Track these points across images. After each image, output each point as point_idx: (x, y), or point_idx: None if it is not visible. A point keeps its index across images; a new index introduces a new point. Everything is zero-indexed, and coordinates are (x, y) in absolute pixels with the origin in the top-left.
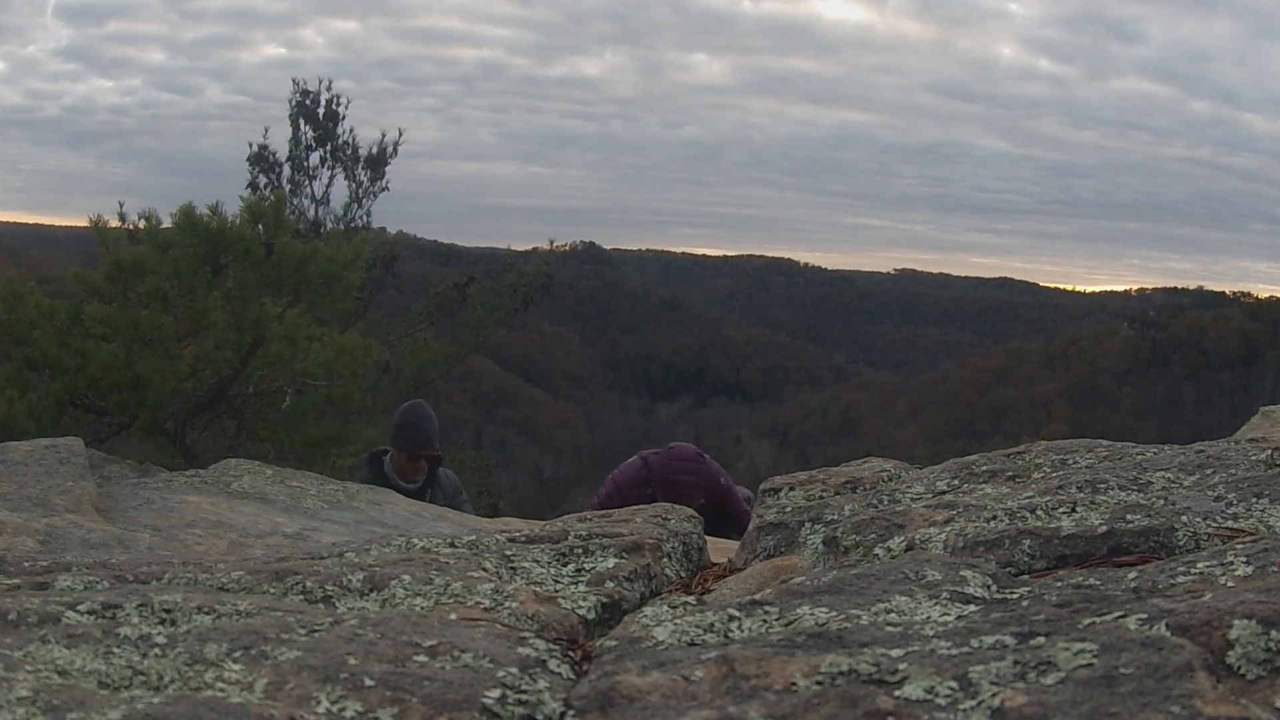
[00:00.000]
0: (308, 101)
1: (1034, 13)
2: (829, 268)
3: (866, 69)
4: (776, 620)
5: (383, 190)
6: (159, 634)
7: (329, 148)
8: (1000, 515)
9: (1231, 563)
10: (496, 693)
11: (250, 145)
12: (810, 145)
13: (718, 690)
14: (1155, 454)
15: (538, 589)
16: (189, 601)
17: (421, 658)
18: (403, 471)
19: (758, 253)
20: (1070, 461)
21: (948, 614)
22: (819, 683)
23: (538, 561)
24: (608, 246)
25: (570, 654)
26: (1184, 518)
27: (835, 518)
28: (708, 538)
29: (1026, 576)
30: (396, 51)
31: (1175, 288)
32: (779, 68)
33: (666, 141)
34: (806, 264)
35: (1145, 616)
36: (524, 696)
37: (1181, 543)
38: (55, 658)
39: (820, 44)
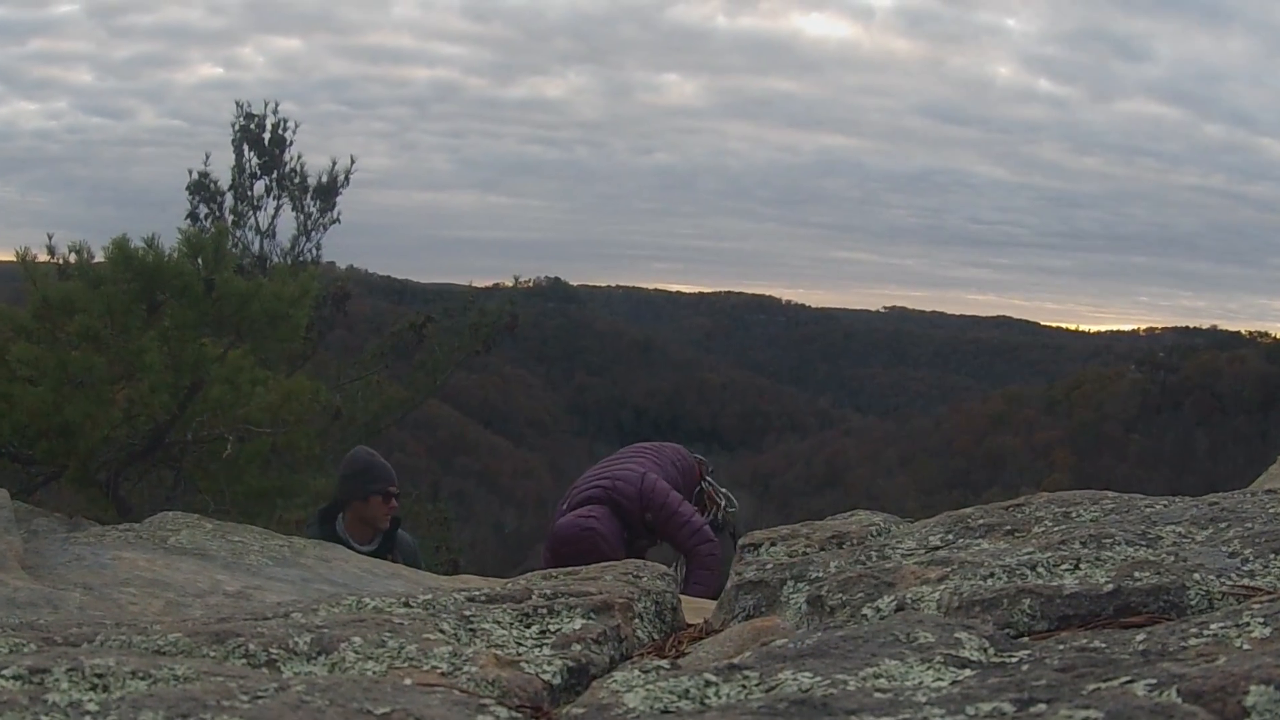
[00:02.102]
0: (252, 126)
1: (1033, 29)
2: (813, 305)
3: (852, 90)
4: (757, 686)
5: (333, 222)
6: (90, 701)
7: (275, 176)
8: (998, 572)
9: (1248, 624)
10: None
11: (190, 173)
12: (791, 173)
13: None
14: (1165, 506)
15: (499, 652)
16: (123, 666)
17: None
18: (373, 521)
19: (736, 289)
20: (1073, 514)
21: (941, 679)
22: None
23: (499, 622)
24: (574, 283)
25: None
26: (1196, 575)
27: (820, 575)
28: (687, 598)
29: (1026, 639)
30: (343, 71)
31: (1187, 327)
32: (757, 89)
33: (636, 169)
34: (789, 301)
35: (1154, 682)
36: None
37: (1194, 602)
38: None
39: (801, 63)
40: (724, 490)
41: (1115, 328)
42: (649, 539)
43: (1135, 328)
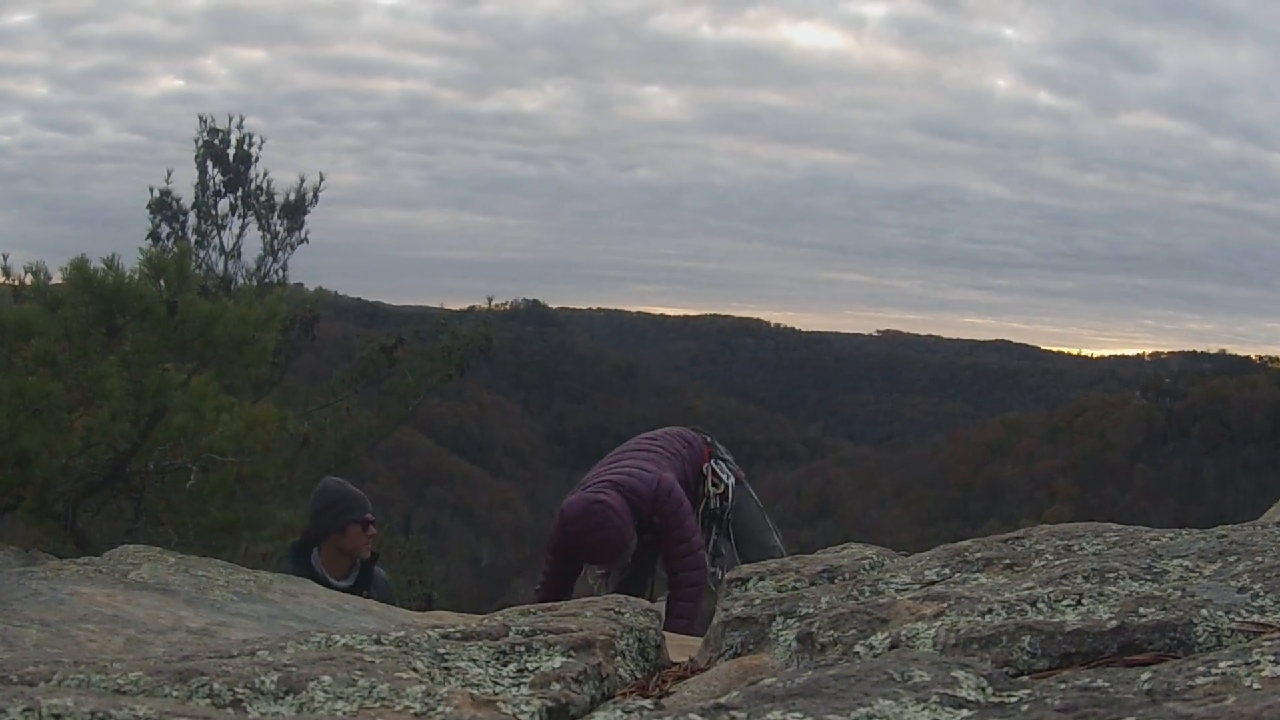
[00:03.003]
0: (216, 141)
1: (1032, 39)
2: (803, 329)
3: (842, 104)
4: None
5: (301, 242)
6: None
7: (240, 193)
8: (997, 608)
9: (1258, 662)
10: None
11: (151, 190)
12: (780, 190)
13: None
14: (1171, 539)
15: (474, 691)
16: (81, 705)
17: None
18: (353, 551)
19: (723, 312)
20: (1075, 548)
21: (937, 719)
22: None
23: (475, 660)
24: (553, 305)
25: None
26: (1204, 611)
27: (810, 611)
28: (672, 635)
29: (1026, 677)
30: (310, 84)
31: (1194, 351)
32: (743, 102)
33: (617, 186)
34: (778, 325)
35: None
36: None
37: (1201, 639)
38: None
39: (790, 75)
40: (733, 467)
41: (1119, 352)
42: (653, 536)
43: (1140, 352)
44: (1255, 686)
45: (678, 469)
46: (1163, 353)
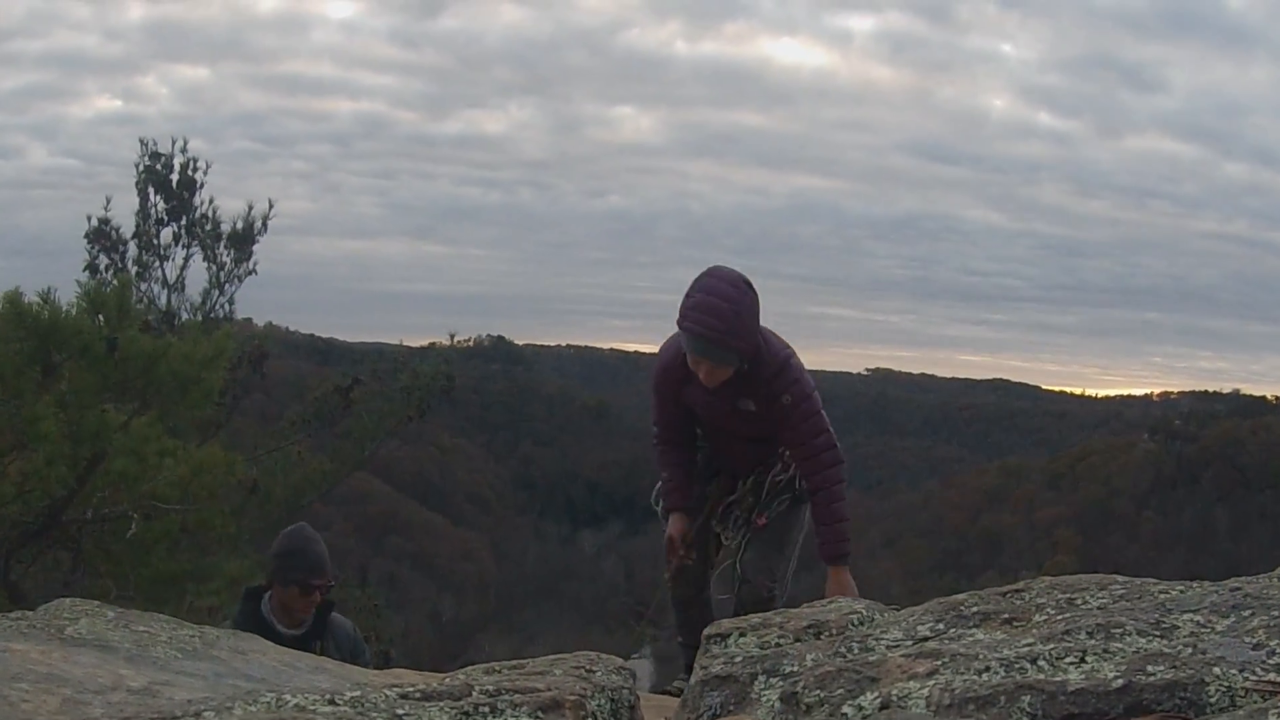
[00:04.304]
0: (158, 166)
1: (1031, 55)
2: None
3: (828, 125)
4: None
5: (249, 274)
6: None
7: (184, 222)
8: (995, 666)
9: None
10: None
11: (88, 219)
12: (761, 218)
13: None
14: (1181, 592)
15: None
16: None
17: None
18: (290, 611)
19: None
20: (1079, 601)
21: None
22: None
23: None
24: (519, 341)
25: None
26: (1216, 669)
27: (795, 669)
28: (647, 695)
29: None
30: (257, 104)
31: (1206, 391)
32: (721, 124)
33: (587, 213)
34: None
35: None
36: None
37: (1214, 700)
38: None
39: (771, 95)
40: None
41: (1126, 392)
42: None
43: (1148, 392)
44: None
45: None
46: (1172, 392)
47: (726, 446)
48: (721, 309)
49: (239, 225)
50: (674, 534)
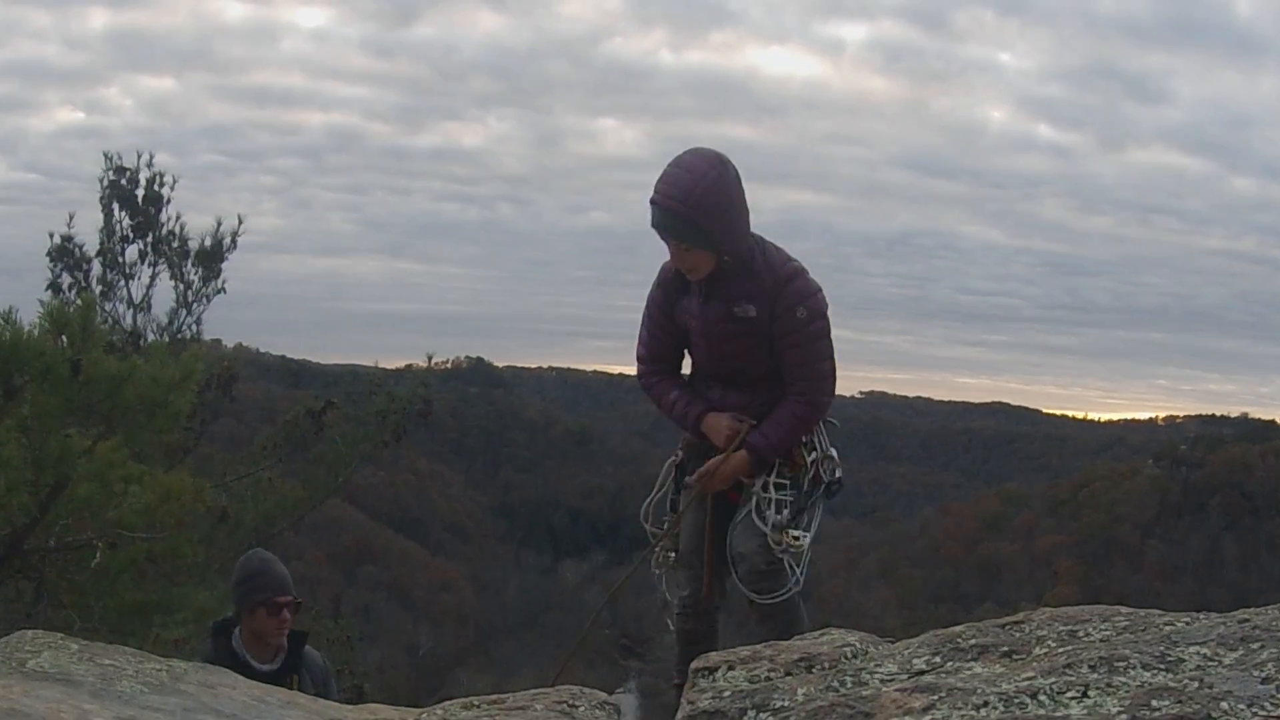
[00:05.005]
0: (123, 181)
1: (1030, 65)
2: None
3: (819, 138)
4: None
5: (218, 292)
6: None
7: (150, 239)
8: (993, 701)
9: None
10: None
11: (50, 236)
12: None
13: None
14: (1188, 624)
15: None
16: None
17: None
18: (263, 638)
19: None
20: (1081, 633)
21: None
22: None
23: None
24: (499, 364)
25: None
26: (1224, 704)
27: (786, 704)
28: None
29: None
30: (225, 116)
31: (1213, 415)
32: (708, 136)
33: (569, 230)
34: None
35: None
36: None
37: None
38: None
39: (760, 106)
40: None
41: (1129, 416)
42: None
43: (1153, 416)
44: None
45: None
46: (1178, 416)
47: (719, 385)
48: (682, 179)
49: (207, 242)
50: (728, 433)
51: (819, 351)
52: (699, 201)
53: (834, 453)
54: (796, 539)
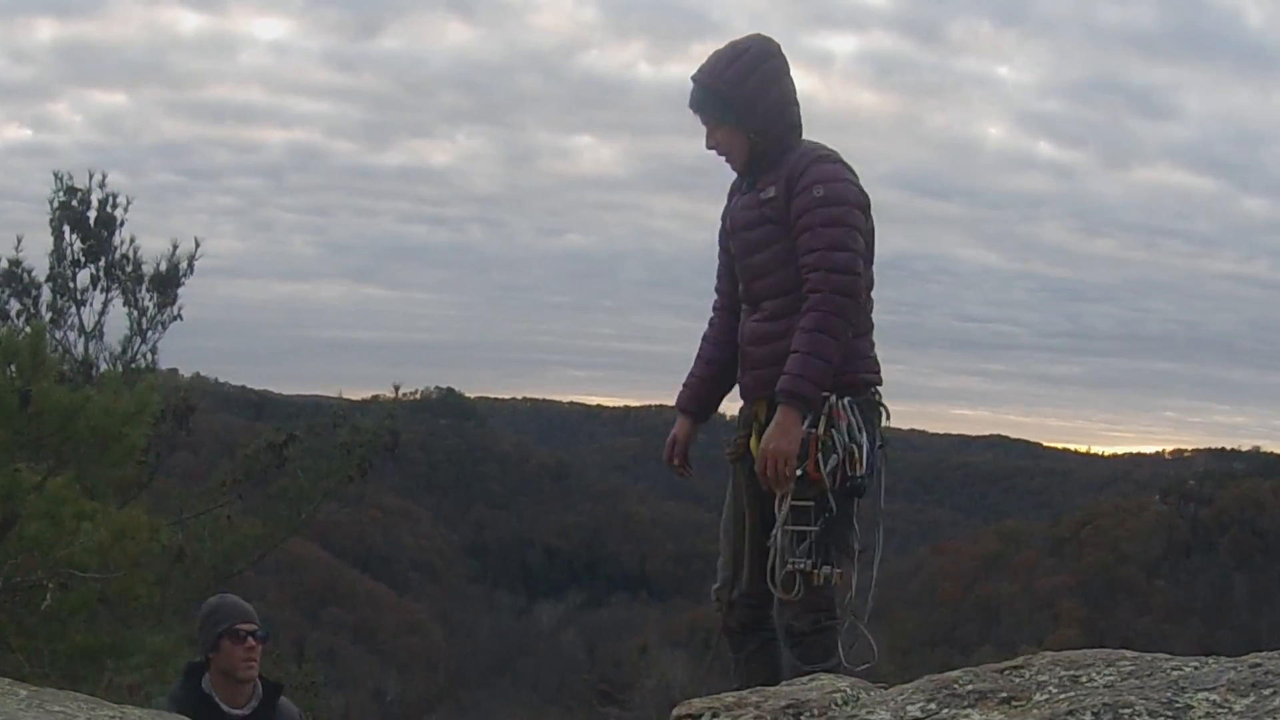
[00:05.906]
0: (74, 202)
1: (1030, 79)
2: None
3: None
4: None
5: (174, 319)
6: None
7: (102, 263)
8: None
9: None
10: None
11: None
12: None
13: None
14: (1196, 669)
15: None
16: None
17: None
18: (232, 674)
19: (668, 402)
20: (1084, 679)
21: None
22: None
23: None
24: (471, 394)
25: None
26: None
27: None
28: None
29: None
30: (179, 133)
31: (1223, 449)
32: (689, 154)
33: (544, 253)
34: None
35: None
36: None
37: None
38: None
39: None
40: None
41: (1135, 449)
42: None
43: (1159, 449)
44: None
45: None
46: (1186, 450)
47: (750, 310)
48: (722, 54)
49: (162, 266)
50: (675, 435)
51: (836, 239)
52: (725, 74)
53: (863, 440)
54: (825, 578)
